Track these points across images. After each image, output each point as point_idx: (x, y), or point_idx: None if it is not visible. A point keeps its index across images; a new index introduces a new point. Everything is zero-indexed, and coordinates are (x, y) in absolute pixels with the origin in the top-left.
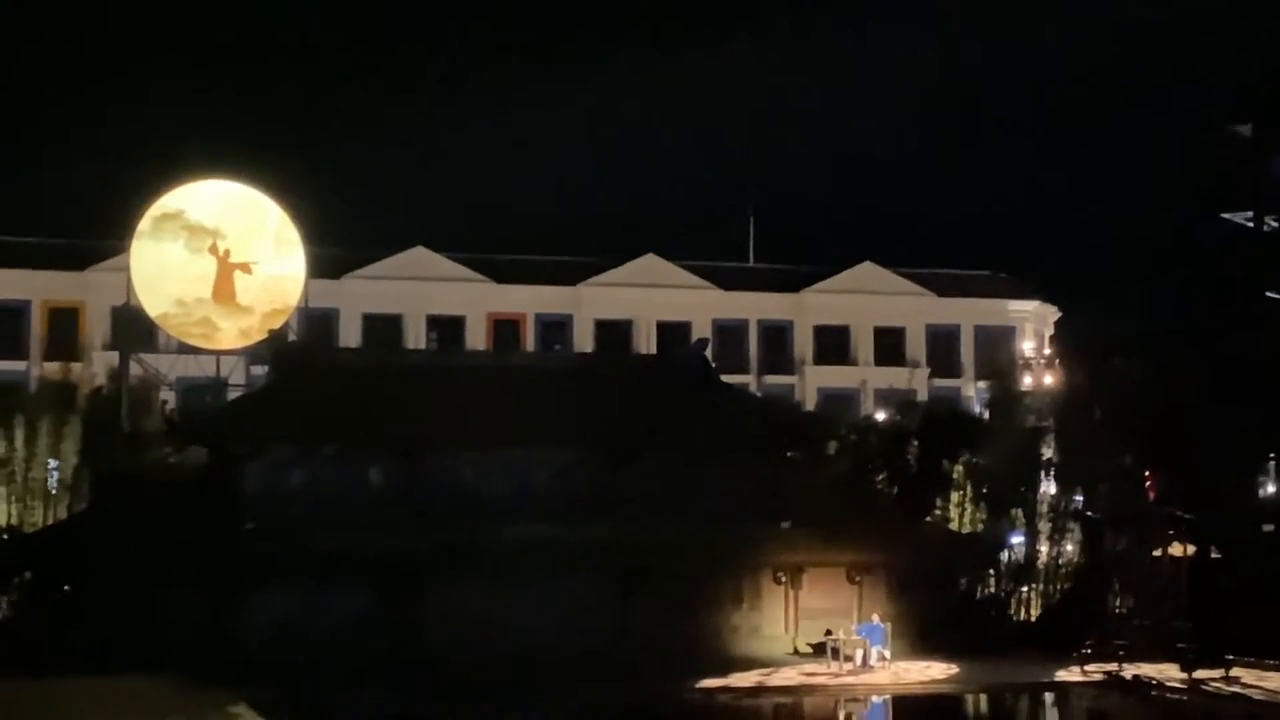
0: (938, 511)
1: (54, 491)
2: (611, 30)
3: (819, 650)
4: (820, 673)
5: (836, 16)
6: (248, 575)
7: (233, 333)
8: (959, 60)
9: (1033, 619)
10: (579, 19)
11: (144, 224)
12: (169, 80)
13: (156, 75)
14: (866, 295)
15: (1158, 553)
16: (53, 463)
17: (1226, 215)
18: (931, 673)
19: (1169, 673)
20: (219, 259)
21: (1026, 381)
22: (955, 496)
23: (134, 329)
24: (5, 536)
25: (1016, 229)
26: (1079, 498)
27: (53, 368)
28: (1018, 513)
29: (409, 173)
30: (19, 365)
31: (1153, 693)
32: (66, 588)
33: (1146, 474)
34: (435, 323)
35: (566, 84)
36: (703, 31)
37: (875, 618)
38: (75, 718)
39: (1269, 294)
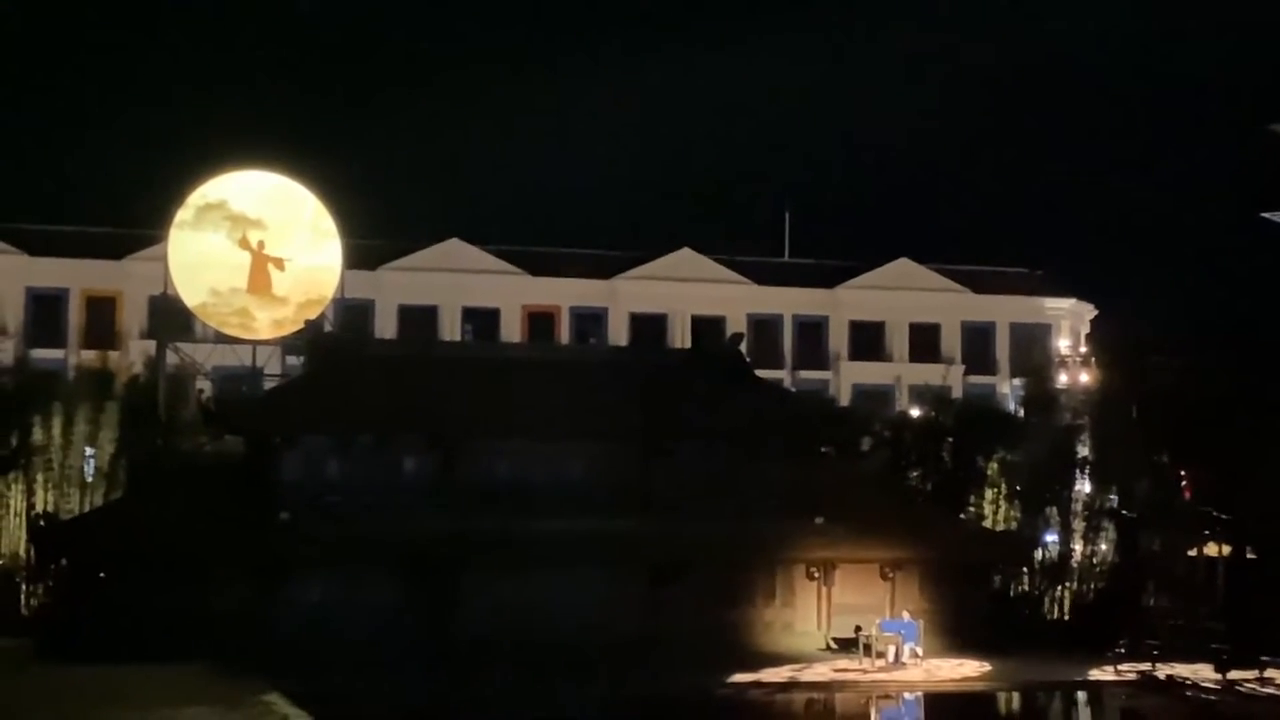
0: (972, 509)
1: (90, 479)
2: (649, 23)
3: (843, 645)
4: (852, 669)
5: (874, 10)
6: (283, 564)
7: (268, 323)
8: (999, 55)
9: (1067, 617)
10: (615, 12)
11: (186, 214)
12: (206, 71)
13: (194, 66)
14: (902, 291)
15: (1193, 552)
16: (89, 451)
17: (1266, 215)
18: (964, 670)
19: (1203, 673)
20: (253, 251)
21: (1062, 379)
22: (990, 494)
23: (171, 318)
24: (42, 524)
25: (1054, 226)
26: (1114, 496)
27: (90, 356)
28: (1052, 511)
29: (445, 164)
30: (57, 353)
31: (1187, 693)
32: (102, 575)
33: (1182, 473)
34: (470, 314)
35: (604, 77)
36: (740, 25)
37: (906, 614)
38: (110, 705)
39: None
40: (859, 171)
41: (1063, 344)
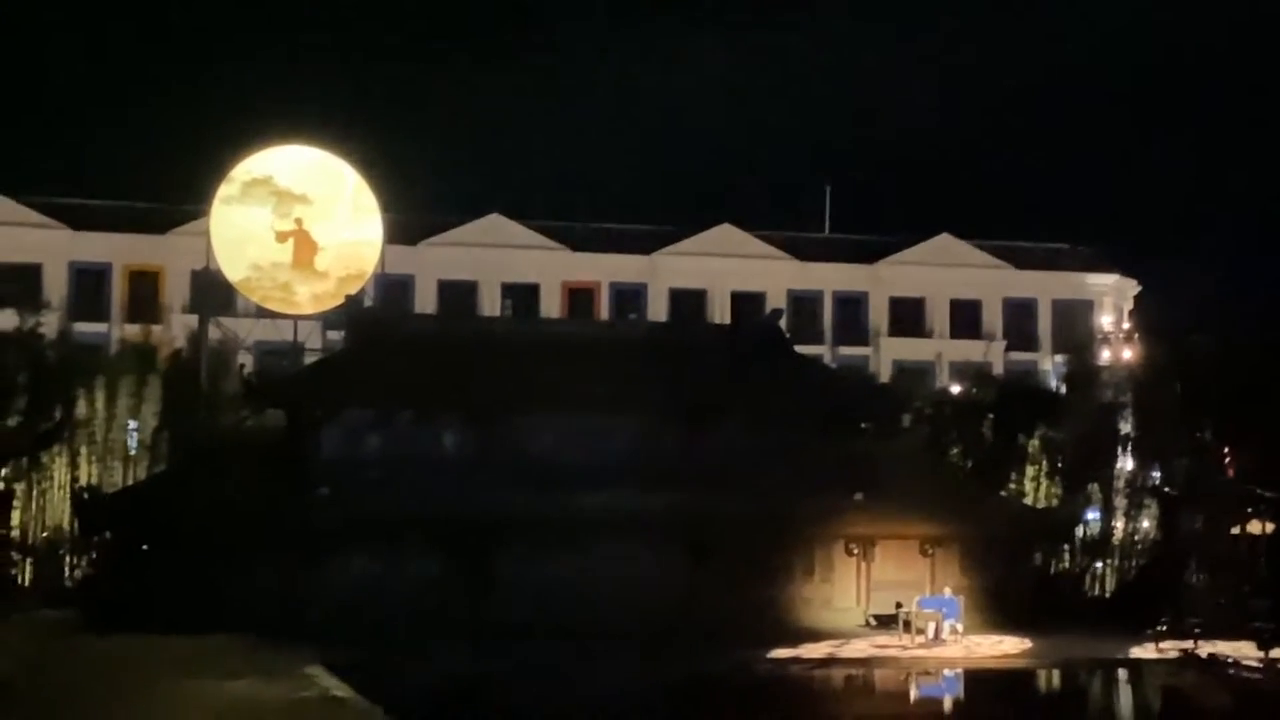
0: (1013, 486)
1: (133, 452)
2: None
3: (881, 622)
4: (891, 645)
5: None
6: (322, 538)
7: (309, 298)
8: (1044, 28)
9: (1108, 595)
10: None
11: (232, 188)
12: (247, 46)
13: (235, 41)
14: (943, 267)
15: (1236, 530)
16: (132, 424)
17: None
18: (1004, 647)
19: (1245, 651)
20: (295, 229)
21: (1104, 356)
22: (1031, 471)
23: (213, 293)
24: (86, 497)
25: (1097, 202)
26: (1156, 473)
27: (133, 330)
28: (1094, 488)
29: (486, 139)
30: (100, 327)
31: (1228, 671)
32: (145, 548)
33: (1225, 450)
34: (510, 290)
35: (644, 51)
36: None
37: (947, 591)
38: (154, 676)
39: None
40: (900, 147)
41: (1105, 320)
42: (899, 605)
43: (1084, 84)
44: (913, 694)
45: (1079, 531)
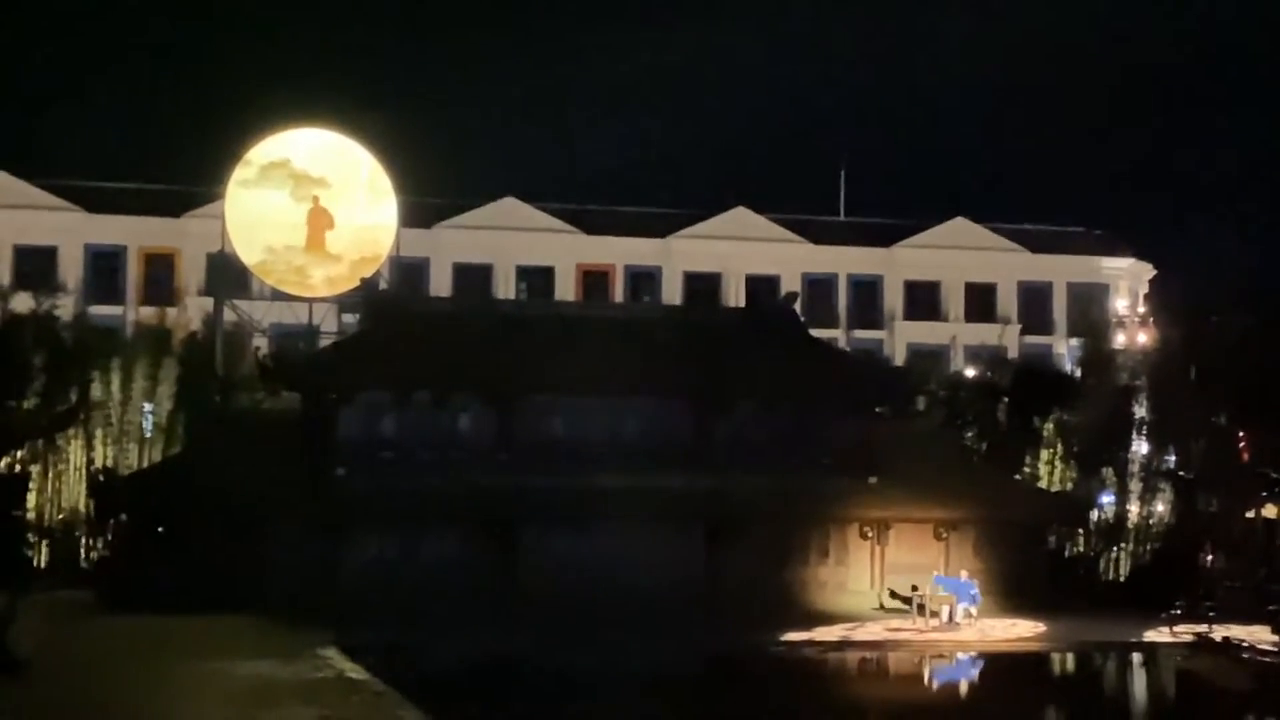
0: (1027, 469)
1: (149, 434)
2: None
3: (901, 599)
4: (905, 628)
5: None
6: (340, 519)
7: (324, 281)
8: (1060, 13)
9: (1122, 579)
10: None
11: (249, 171)
12: (263, 27)
13: (252, 23)
14: (958, 250)
15: (1250, 514)
16: (148, 406)
17: None
18: (1018, 630)
19: (1260, 635)
20: (312, 207)
21: (1119, 339)
22: (1045, 454)
23: (229, 275)
24: (102, 478)
25: (1112, 185)
26: (1171, 457)
27: (149, 312)
28: (1108, 471)
29: (501, 123)
30: (116, 310)
31: (1243, 655)
32: (160, 529)
33: (1241, 434)
34: (525, 273)
35: (661, 35)
36: None
37: (963, 574)
38: (167, 656)
39: None
40: (916, 130)
41: (1120, 304)
42: (914, 588)
43: (1100, 66)
44: (927, 677)
45: (1094, 515)
